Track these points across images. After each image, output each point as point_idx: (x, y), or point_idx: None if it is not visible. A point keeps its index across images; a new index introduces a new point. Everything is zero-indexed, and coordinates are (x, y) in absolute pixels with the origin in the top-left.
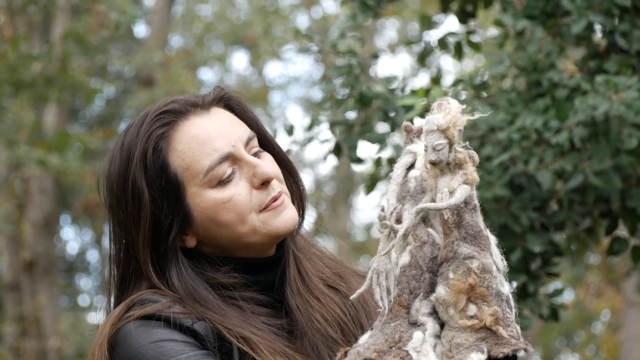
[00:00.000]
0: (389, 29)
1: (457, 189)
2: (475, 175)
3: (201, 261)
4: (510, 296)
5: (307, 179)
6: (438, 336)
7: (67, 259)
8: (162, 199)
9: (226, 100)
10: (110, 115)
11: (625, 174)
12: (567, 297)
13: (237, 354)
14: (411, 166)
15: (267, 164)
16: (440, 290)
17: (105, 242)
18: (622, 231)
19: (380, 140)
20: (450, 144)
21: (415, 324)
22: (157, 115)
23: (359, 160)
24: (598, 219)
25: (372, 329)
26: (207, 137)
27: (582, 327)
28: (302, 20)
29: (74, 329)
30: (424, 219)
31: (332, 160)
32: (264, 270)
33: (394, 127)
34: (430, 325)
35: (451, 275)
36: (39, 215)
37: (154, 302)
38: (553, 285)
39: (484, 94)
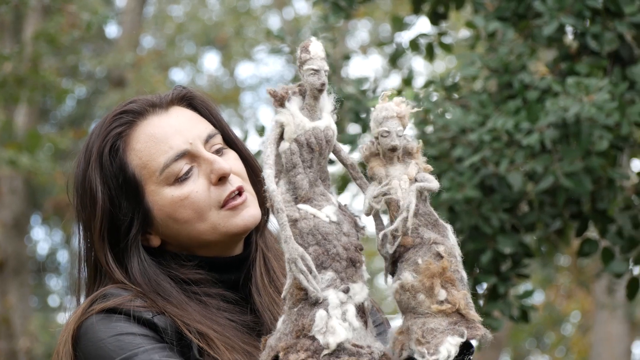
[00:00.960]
0: (361, 30)
1: (426, 176)
2: (427, 165)
3: (166, 258)
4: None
5: None
6: (344, 302)
7: (38, 260)
8: (120, 197)
9: (189, 99)
10: (81, 115)
11: (595, 176)
12: (537, 298)
13: (196, 347)
14: (280, 138)
15: (229, 161)
16: (407, 277)
17: (74, 242)
18: (592, 233)
19: (352, 142)
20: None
21: (316, 303)
22: (115, 115)
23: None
24: (568, 220)
25: (283, 314)
26: (163, 135)
27: (552, 328)
28: (274, 21)
29: (44, 330)
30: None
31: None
32: (230, 268)
33: (366, 128)
34: (332, 297)
35: (420, 260)
36: (9, 216)
37: (116, 295)
38: (523, 286)
39: (455, 96)
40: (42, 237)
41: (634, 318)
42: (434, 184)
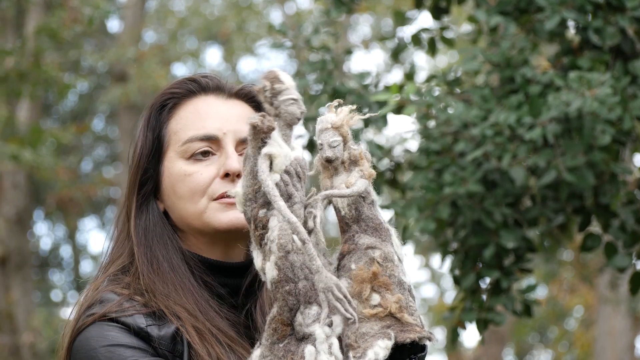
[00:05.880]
0: (363, 25)
1: (356, 182)
2: (371, 171)
3: (177, 231)
4: (412, 286)
5: None
6: (329, 336)
7: (40, 254)
8: (150, 150)
9: (257, 102)
10: (83, 110)
11: (598, 170)
12: (541, 293)
13: (187, 356)
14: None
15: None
16: (344, 284)
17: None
18: (595, 227)
19: (355, 137)
20: (344, 142)
21: (303, 339)
22: (186, 80)
23: None
24: (571, 215)
25: (260, 345)
26: (206, 114)
27: (555, 323)
28: (276, 16)
29: (47, 325)
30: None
31: (306, 156)
32: (226, 273)
33: (368, 123)
34: (319, 332)
35: (353, 266)
36: (12, 211)
37: (111, 301)
38: (526, 281)
39: (458, 90)
40: (45, 232)
41: (637, 312)
42: (346, 190)
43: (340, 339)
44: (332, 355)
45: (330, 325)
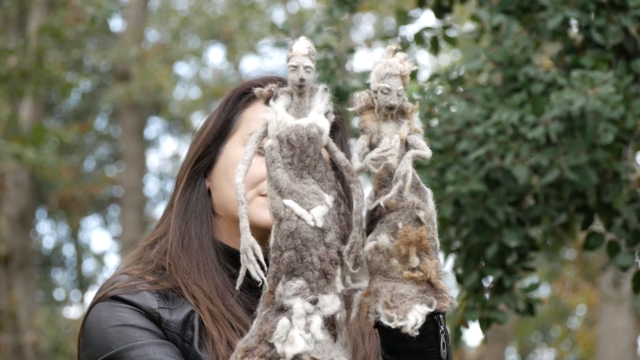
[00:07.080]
0: (365, 24)
1: (417, 140)
2: (418, 127)
3: (213, 215)
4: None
5: None
6: (310, 313)
7: (43, 253)
8: (218, 130)
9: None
10: (86, 109)
11: (601, 169)
12: (543, 291)
13: (197, 341)
14: (265, 136)
15: None
16: (384, 239)
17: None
18: (597, 226)
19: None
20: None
21: (281, 310)
22: (274, 78)
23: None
24: (574, 214)
25: (255, 316)
26: None
27: (558, 322)
28: (279, 15)
29: (50, 324)
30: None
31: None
32: None
33: None
34: (298, 306)
35: (400, 225)
36: (15, 210)
37: (123, 280)
38: (529, 280)
39: (460, 89)
40: (48, 231)
41: None
42: (427, 151)
43: (332, 320)
44: (309, 333)
45: (314, 302)
